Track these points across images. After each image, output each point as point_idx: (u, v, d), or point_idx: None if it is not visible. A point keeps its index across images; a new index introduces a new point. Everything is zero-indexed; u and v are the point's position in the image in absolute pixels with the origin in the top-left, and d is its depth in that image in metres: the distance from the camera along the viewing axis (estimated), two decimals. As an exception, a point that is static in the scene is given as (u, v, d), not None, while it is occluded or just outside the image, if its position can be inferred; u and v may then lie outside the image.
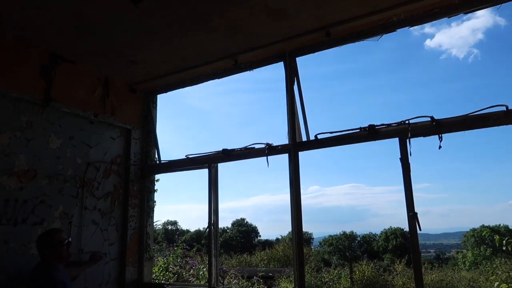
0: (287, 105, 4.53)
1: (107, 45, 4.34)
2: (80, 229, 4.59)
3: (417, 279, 3.54)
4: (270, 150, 4.44)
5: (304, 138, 4.41)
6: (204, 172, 4.91)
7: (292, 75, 4.56)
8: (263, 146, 4.51)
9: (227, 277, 11.85)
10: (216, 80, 5.16)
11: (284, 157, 4.38)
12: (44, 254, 3.38)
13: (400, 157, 3.73)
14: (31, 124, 4.24)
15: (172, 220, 67.81)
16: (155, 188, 5.60)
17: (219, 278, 8.50)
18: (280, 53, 4.60)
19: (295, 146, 4.33)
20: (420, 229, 3.53)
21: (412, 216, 3.59)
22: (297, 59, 4.58)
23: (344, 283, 22.64)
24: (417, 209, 3.60)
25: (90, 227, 4.72)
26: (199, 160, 5.00)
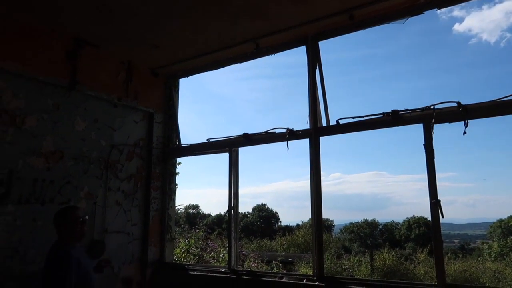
0: (308, 90, 4.48)
1: (130, 29, 4.37)
2: (105, 209, 4.73)
3: (438, 267, 3.48)
4: (290, 135, 4.42)
5: (324, 124, 4.37)
6: (225, 156, 4.96)
7: (314, 60, 4.49)
8: (283, 131, 4.49)
9: (247, 260, 12.04)
10: (238, 65, 5.16)
11: (305, 143, 4.37)
12: (60, 231, 3.19)
13: (424, 143, 3.64)
14: (57, 107, 4.35)
15: (194, 204, 68.90)
16: (177, 171, 5.69)
17: (239, 261, 8.64)
18: (302, 37, 4.53)
19: (316, 131, 4.29)
20: (443, 217, 3.46)
21: (435, 203, 3.51)
22: (320, 43, 4.51)
23: (364, 271, 22.57)
24: (442, 198, 3.52)
25: (114, 207, 4.85)
26: (220, 144, 5.04)
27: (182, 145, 5.51)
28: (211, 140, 5.07)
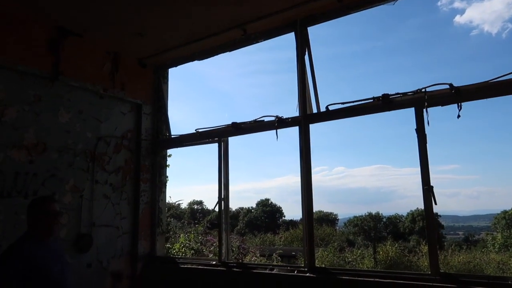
0: (297, 76, 4.34)
1: (113, 17, 4.24)
2: (92, 202, 4.63)
3: (432, 256, 3.35)
4: (280, 123, 4.29)
5: (315, 111, 4.23)
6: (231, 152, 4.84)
7: (303, 45, 4.34)
8: (272, 119, 4.36)
9: (248, 255, 11.96)
10: (238, 61, 5.02)
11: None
12: (35, 224, 2.71)
13: (416, 127, 3.50)
14: (39, 98, 4.24)
15: (198, 200, 68.98)
16: (167, 164, 5.58)
17: (239, 255, 8.50)
18: (290, 21, 4.38)
19: (305, 118, 4.15)
20: (435, 203, 3.33)
21: (428, 190, 3.38)
22: (312, 30, 4.36)
23: (368, 263, 22.47)
24: (445, 190, 3.66)
25: (101, 201, 4.75)
26: (209, 134, 4.91)
27: (171, 137, 5.39)
28: (200, 130, 4.95)
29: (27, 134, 4.10)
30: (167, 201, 5.63)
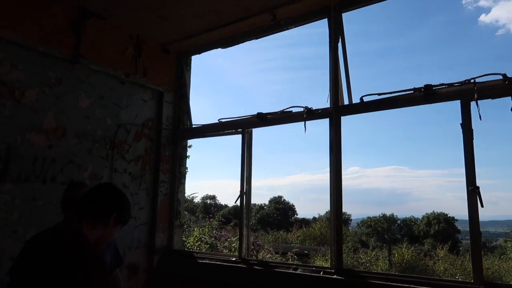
0: (329, 64, 4.07)
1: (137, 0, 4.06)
2: (110, 191, 4.46)
3: (475, 263, 3.06)
4: (308, 114, 4.04)
5: (347, 102, 3.96)
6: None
7: (337, 32, 4.07)
8: (301, 110, 4.11)
9: (262, 251, 11.77)
10: (257, 57, 4.80)
11: (324, 130, 3.97)
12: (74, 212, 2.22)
13: (461, 122, 3.21)
14: (60, 80, 4.08)
15: (211, 194, 69.18)
16: (187, 154, 5.39)
17: (252, 251, 8.29)
18: (324, 7, 4.12)
19: (337, 110, 3.89)
20: (482, 206, 3.03)
21: (473, 191, 3.09)
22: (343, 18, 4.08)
23: (382, 265, 22.05)
24: (462, 194, 3.09)
25: (120, 190, 4.58)
26: (233, 125, 4.70)
27: (193, 127, 5.19)
28: (223, 120, 4.73)
29: (46, 117, 3.95)
30: None
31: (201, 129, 5.07)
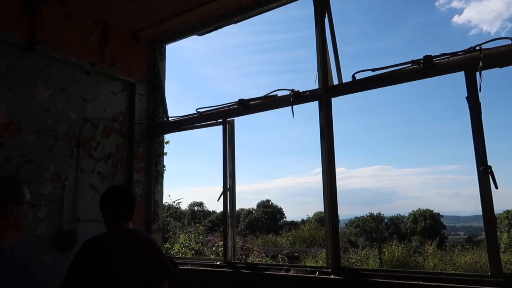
0: (316, 43, 3.70)
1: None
2: (76, 193, 3.97)
3: (492, 254, 2.70)
4: (296, 98, 3.64)
5: (336, 82, 3.58)
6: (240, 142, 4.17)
7: (322, 7, 3.70)
8: (287, 93, 3.71)
9: (251, 255, 11.33)
10: (239, 63, 4.38)
11: (311, 131, 3.58)
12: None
13: (467, 95, 2.85)
14: (12, 69, 3.58)
15: (198, 201, 68.29)
16: (165, 151, 4.92)
17: (242, 256, 7.82)
18: (307, -20, 3.74)
19: (327, 91, 3.51)
20: (496, 187, 2.67)
21: (484, 171, 2.73)
22: None
23: (373, 264, 21.78)
24: (446, 191, 2.88)
25: (88, 192, 4.10)
26: (213, 115, 4.27)
27: (169, 120, 4.73)
28: (201, 110, 4.29)
29: (-3, 112, 3.45)
30: (166, 201, 4.98)
31: (178, 122, 4.61)
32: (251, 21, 4.49)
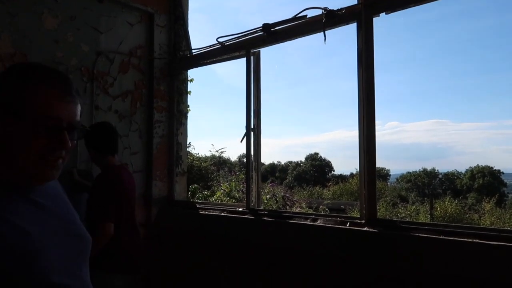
0: (357, -51, 2.97)
1: None
2: (91, 132, 3.73)
3: None
4: (329, 18, 3.00)
5: (382, -3, 2.88)
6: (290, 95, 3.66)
7: None
8: (319, 12, 3.08)
9: (294, 207, 11.12)
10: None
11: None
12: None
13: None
14: (13, -7, 3.26)
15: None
16: (188, 90, 4.53)
17: (284, 207, 7.54)
18: None
19: (367, 8, 2.83)
20: None
21: None
22: None
23: (423, 219, 20.99)
24: (510, 147, 2.01)
25: (104, 131, 3.84)
26: (235, 46, 3.74)
27: (192, 54, 4.28)
28: (221, 38, 3.76)
29: (0, 41, 3.18)
30: (209, 150, 4.69)
31: (199, 56, 4.15)
32: None
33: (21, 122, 0.95)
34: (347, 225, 2.88)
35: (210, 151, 13.32)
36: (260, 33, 3.46)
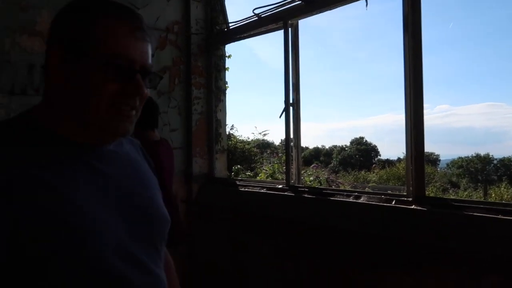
0: None
1: None
2: (130, 109, 3.76)
3: None
4: (374, -21, 2.76)
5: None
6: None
7: None
8: (362, -27, 2.84)
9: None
10: None
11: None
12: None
13: None
14: (52, -29, 3.30)
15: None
16: (226, 66, 4.45)
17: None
18: None
19: (417, -36, 2.56)
20: None
21: None
22: None
23: (476, 206, 19.89)
24: None
25: (143, 108, 3.86)
26: (272, 17, 3.58)
27: (229, 28, 4.17)
28: (257, 10, 3.61)
29: (40, 17, 3.24)
30: (252, 133, 4.66)
31: (236, 29, 4.03)
32: None
33: (88, 62, 0.79)
34: (393, 202, 2.69)
35: (253, 133, 13.31)
36: (298, 2, 3.27)
